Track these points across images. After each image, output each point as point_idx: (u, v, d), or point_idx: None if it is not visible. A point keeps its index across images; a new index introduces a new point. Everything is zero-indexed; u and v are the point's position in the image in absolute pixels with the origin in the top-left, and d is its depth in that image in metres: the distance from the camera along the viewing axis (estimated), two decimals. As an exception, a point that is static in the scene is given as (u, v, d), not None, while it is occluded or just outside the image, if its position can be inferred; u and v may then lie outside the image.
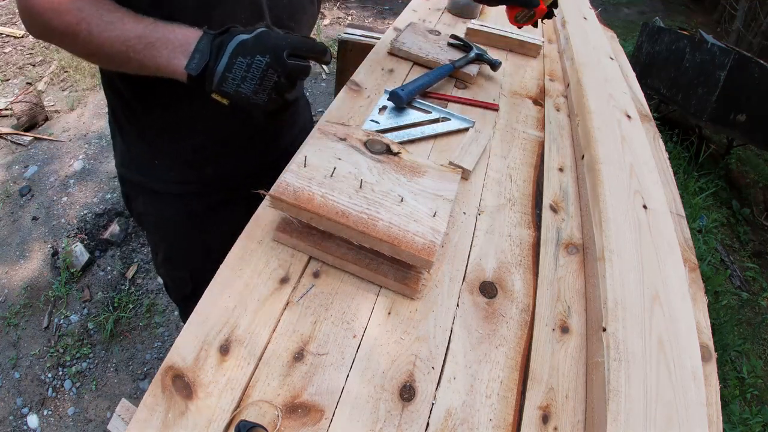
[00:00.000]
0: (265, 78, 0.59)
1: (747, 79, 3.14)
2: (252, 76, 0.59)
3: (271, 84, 0.60)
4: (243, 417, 0.50)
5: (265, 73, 0.59)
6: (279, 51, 0.59)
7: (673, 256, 0.73)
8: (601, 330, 0.61)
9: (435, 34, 1.30)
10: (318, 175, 0.65)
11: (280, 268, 0.65)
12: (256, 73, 0.59)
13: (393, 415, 0.53)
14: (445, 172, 0.72)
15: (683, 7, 7.02)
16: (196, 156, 0.88)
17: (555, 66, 1.36)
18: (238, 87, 0.59)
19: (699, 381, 0.57)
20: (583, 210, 0.85)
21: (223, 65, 0.58)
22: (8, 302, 1.87)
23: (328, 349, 0.58)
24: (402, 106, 0.98)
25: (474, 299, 0.67)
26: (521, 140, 1.01)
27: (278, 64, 0.59)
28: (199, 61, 0.59)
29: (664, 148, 1.11)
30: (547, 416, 0.56)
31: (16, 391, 1.62)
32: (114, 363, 1.73)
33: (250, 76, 0.59)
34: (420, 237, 0.60)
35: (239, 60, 0.58)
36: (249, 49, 0.58)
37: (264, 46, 0.59)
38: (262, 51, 0.58)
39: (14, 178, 2.40)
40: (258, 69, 0.58)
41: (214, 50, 0.59)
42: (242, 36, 0.59)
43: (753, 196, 3.64)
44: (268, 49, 0.59)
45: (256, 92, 0.60)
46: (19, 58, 3.22)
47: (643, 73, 3.89)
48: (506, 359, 0.61)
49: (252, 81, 0.59)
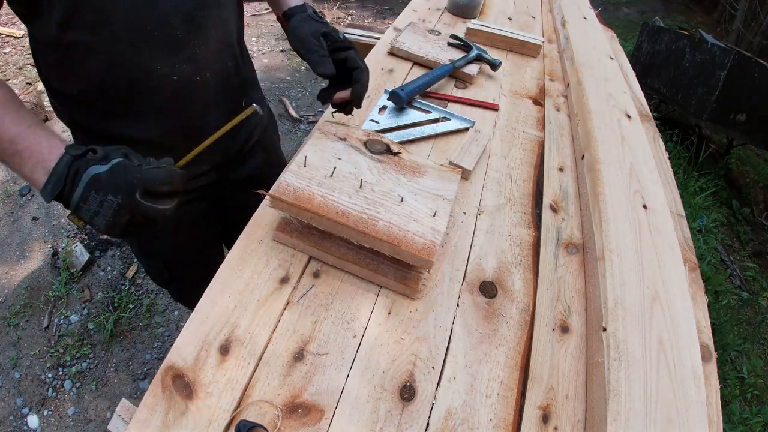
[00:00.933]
0: (118, 216, 0.56)
1: (747, 78, 3.14)
2: (104, 213, 0.56)
3: (124, 221, 0.57)
4: (243, 417, 0.50)
5: (117, 212, 0.56)
6: (131, 190, 0.56)
7: (673, 255, 0.73)
8: (601, 330, 0.61)
9: (435, 34, 1.30)
10: (318, 175, 0.65)
11: (280, 268, 0.65)
12: (108, 212, 0.56)
13: (393, 414, 0.53)
14: (445, 171, 0.72)
15: (683, 7, 7.01)
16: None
17: (555, 66, 1.36)
18: (91, 218, 0.56)
19: (699, 381, 0.57)
20: (583, 210, 0.85)
21: (77, 197, 0.56)
22: (8, 302, 1.87)
23: (328, 349, 0.58)
24: (402, 106, 0.98)
25: (474, 299, 0.67)
26: (521, 140, 1.01)
27: (130, 205, 0.56)
28: (54, 187, 0.56)
29: (664, 148, 1.11)
30: (547, 416, 0.56)
31: (16, 391, 1.62)
32: (114, 363, 1.73)
33: (102, 212, 0.56)
34: (420, 237, 0.60)
35: (92, 194, 0.55)
36: (102, 185, 0.55)
37: (116, 185, 0.55)
38: (114, 190, 0.55)
39: (14, 178, 2.40)
40: (109, 208, 0.55)
41: (70, 177, 0.56)
42: (96, 169, 0.56)
43: (753, 195, 3.64)
44: (120, 188, 0.55)
45: (109, 228, 0.57)
46: (19, 58, 3.22)
47: (643, 73, 3.89)
48: (506, 359, 0.61)
49: (104, 217, 0.56)
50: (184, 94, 0.75)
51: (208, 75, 0.77)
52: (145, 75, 0.70)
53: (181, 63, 0.72)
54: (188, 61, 0.72)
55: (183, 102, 0.76)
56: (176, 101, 0.75)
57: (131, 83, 0.70)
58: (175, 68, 0.71)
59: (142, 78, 0.70)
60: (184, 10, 0.68)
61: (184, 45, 0.71)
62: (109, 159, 0.57)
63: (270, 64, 3.63)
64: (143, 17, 0.65)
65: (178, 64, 0.71)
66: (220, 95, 0.82)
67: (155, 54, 0.69)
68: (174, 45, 0.70)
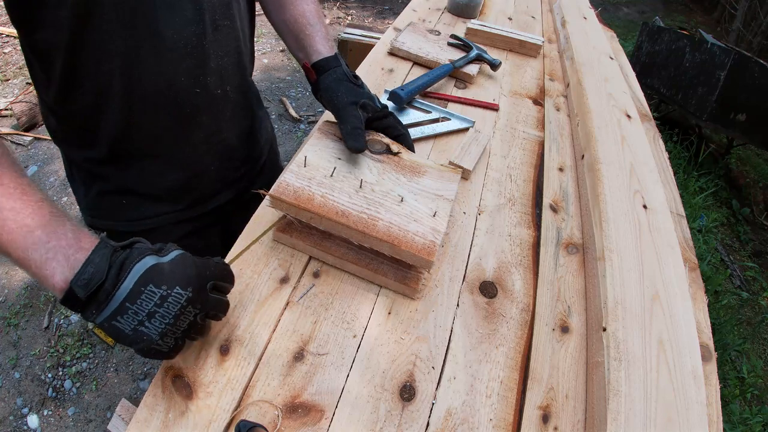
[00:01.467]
0: (183, 315, 0.45)
1: (747, 78, 3.14)
2: (165, 313, 0.44)
3: (185, 325, 0.46)
4: (243, 417, 0.50)
5: (184, 310, 0.45)
6: (203, 283, 0.47)
7: (673, 255, 0.73)
8: (601, 330, 0.61)
9: (435, 33, 1.30)
10: (318, 175, 0.65)
11: (280, 268, 0.65)
12: (172, 310, 0.44)
13: (393, 414, 0.53)
14: (445, 171, 0.72)
15: (683, 7, 7.01)
16: (170, 189, 0.80)
17: (555, 66, 1.36)
18: (139, 325, 0.43)
19: (699, 381, 0.57)
20: (583, 210, 0.85)
21: (122, 294, 0.42)
22: (8, 302, 1.87)
23: (328, 349, 0.58)
24: (402, 105, 0.98)
25: (474, 299, 0.67)
26: (521, 140, 1.01)
27: (200, 300, 0.46)
28: (91, 280, 0.42)
29: (664, 148, 1.11)
30: (548, 416, 0.56)
31: (17, 391, 1.62)
32: (114, 363, 1.73)
33: (162, 312, 0.43)
34: (420, 237, 0.60)
35: (149, 289, 0.43)
36: (165, 277, 0.44)
37: (186, 277, 0.45)
38: (185, 282, 0.45)
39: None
40: (175, 304, 0.44)
41: (114, 269, 0.43)
42: (154, 259, 0.45)
43: (753, 195, 3.64)
44: (192, 280, 0.45)
45: (164, 335, 0.44)
46: (19, 58, 3.21)
47: (642, 73, 3.89)
48: (506, 359, 0.61)
49: (163, 319, 0.44)
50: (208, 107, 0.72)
51: (228, 88, 0.74)
52: (166, 87, 0.66)
53: (206, 76, 0.69)
54: (213, 73, 0.70)
55: (206, 116, 0.73)
56: (199, 115, 0.72)
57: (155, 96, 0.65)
58: (200, 81, 0.68)
59: (165, 90, 0.66)
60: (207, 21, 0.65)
61: (208, 56, 0.67)
62: (168, 250, 0.47)
63: (270, 64, 3.63)
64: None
65: (202, 77, 0.68)
66: (239, 110, 0.80)
67: (179, 66, 0.65)
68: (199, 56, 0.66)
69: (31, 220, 0.43)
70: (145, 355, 0.46)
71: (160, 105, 0.67)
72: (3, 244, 0.43)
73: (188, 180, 0.80)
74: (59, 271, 0.42)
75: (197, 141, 0.76)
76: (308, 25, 0.79)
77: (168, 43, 0.62)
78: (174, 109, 0.69)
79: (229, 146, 0.83)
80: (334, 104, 0.71)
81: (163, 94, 0.66)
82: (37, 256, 0.42)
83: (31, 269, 0.43)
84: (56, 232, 0.44)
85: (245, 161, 0.90)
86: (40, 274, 0.43)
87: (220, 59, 0.70)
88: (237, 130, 0.83)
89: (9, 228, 0.42)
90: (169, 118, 0.70)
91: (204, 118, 0.74)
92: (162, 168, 0.76)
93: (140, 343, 0.44)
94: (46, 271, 0.43)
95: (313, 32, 0.78)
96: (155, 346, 0.45)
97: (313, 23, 0.79)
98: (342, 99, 0.70)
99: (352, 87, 0.73)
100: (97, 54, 0.60)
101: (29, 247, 0.43)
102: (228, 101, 0.76)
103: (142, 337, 0.44)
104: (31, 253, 0.43)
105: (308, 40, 0.78)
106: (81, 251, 0.44)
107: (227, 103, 0.76)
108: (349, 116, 0.69)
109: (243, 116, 0.84)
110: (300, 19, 0.79)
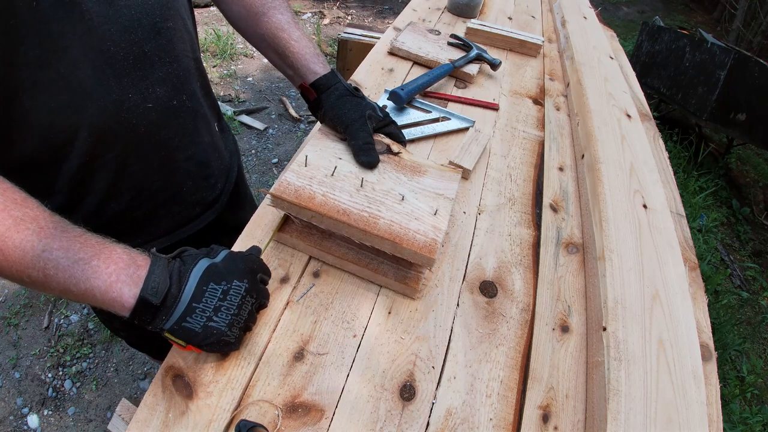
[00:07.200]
0: (243, 306, 0.50)
1: (747, 78, 3.14)
2: (229, 305, 0.48)
3: (246, 314, 0.51)
4: (243, 416, 0.50)
5: (244, 300, 0.50)
6: (254, 274, 0.52)
7: (673, 255, 0.73)
8: (601, 329, 0.61)
9: (435, 33, 1.30)
10: (319, 174, 0.65)
11: (280, 268, 0.65)
12: (235, 301, 0.49)
13: (393, 414, 0.53)
14: (446, 171, 0.72)
15: (683, 6, 7.01)
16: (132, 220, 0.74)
17: (555, 65, 1.36)
18: (208, 321, 0.47)
19: (699, 380, 0.57)
20: (583, 209, 0.85)
21: (187, 296, 0.47)
22: (8, 302, 1.87)
23: (328, 348, 0.58)
24: (402, 105, 0.98)
25: (474, 299, 0.67)
26: (521, 140, 1.01)
27: (255, 289, 0.51)
28: (161, 287, 0.46)
29: (664, 148, 1.11)
30: (548, 415, 0.56)
31: (17, 391, 1.62)
32: (114, 363, 1.73)
33: (227, 305, 0.48)
34: (421, 235, 0.60)
35: (211, 287, 0.48)
36: (223, 274, 0.49)
37: (239, 270, 0.50)
38: (240, 275, 0.50)
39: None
40: (237, 296, 0.49)
41: (175, 276, 0.47)
42: (207, 260, 0.50)
43: (753, 195, 3.64)
44: (245, 272, 0.51)
45: (231, 325, 0.49)
46: None
47: (643, 73, 3.89)
48: (506, 359, 0.61)
49: (228, 311, 0.48)
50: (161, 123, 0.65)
51: (184, 97, 0.68)
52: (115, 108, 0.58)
53: (155, 86, 0.62)
54: (162, 83, 0.63)
55: (161, 134, 0.66)
56: (153, 134, 0.65)
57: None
58: (149, 93, 0.62)
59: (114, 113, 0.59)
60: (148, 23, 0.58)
61: (154, 64, 0.61)
62: (217, 251, 0.52)
63: (269, 64, 3.62)
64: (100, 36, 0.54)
65: (151, 88, 0.62)
66: (200, 120, 0.73)
67: (122, 80, 0.58)
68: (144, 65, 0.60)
69: (84, 254, 0.45)
70: (214, 349, 0.50)
71: (115, 131, 0.60)
72: (62, 284, 0.44)
73: (161, 206, 0.74)
74: (126, 289, 0.45)
75: (162, 161, 0.70)
76: (291, 41, 0.75)
77: (106, 57, 0.55)
78: (128, 131, 0.62)
79: (200, 162, 0.77)
80: (342, 121, 0.71)
81: (114, 118, 0.59)
82: (100, 283, 0.44)
83: (96, 297, 0.45)
84: (111, 257, 0.46)
85: (220, 176, 0.84)
86: (107, 298, 0.45)
87: (169, 66, 0.64)
88: (204, 142, 0.76)
89: (63, 266, 0.43)
90: (127, 144, 0.63)
91: (163, 134, 0.67)
92: (129, 200, 0.69)
93: (211, 337, 0.48)
94: (113, 294, 0.45)
95: (300, 49, 0.75)
96: (225, 338, 0.49)
97: (296, 38, 0.75)
98: (350, 115, 0.70)
99: (356, 101, 0.72)
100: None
101: (90, 277, 0.44)
102: (186, 111, 0.70)
103: (213, 332, 0.48)
104: (93, 282, 0.44)
105: (298, 60, 0.75)
106: (140, 268, 0.46)
107: (186, 113, 0.70)
108: (359, 132, 0.69)
109: (206, 127, 0.77)
110: (279, 33, 0.75)
